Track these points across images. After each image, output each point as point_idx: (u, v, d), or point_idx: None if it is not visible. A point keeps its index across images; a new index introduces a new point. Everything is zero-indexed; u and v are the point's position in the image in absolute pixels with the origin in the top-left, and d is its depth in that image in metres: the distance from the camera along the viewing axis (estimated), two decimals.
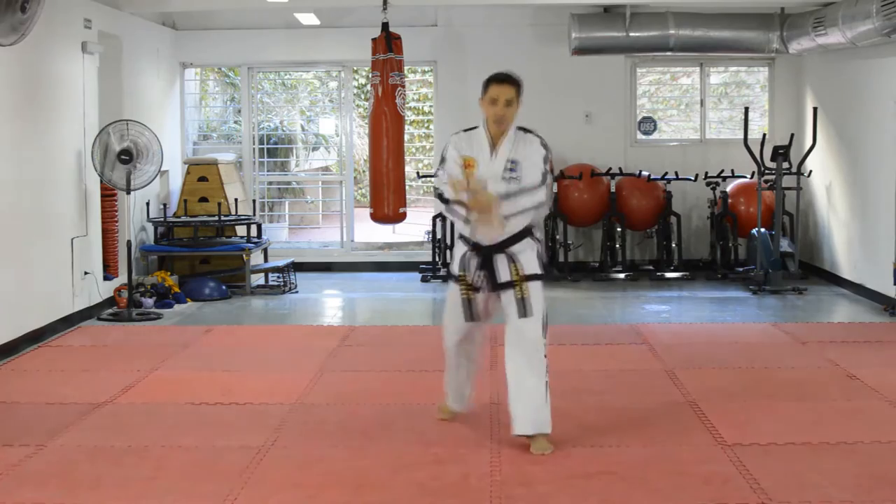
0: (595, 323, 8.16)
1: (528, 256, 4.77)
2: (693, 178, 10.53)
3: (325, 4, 10.03)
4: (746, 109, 9.96)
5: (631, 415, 5.36)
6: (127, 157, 8.24)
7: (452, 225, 9.98)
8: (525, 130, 4.82)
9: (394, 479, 4.42)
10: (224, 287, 9.54)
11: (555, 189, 10.19)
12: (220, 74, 13.99)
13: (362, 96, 14.87)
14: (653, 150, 11.16)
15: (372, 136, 9.45)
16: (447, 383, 5.23)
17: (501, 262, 4.75)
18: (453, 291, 4.95)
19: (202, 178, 10.26)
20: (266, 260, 10.48)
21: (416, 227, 12.14)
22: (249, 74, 11.29)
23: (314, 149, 15.55)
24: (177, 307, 8.98)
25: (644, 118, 11.26)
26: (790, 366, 6.51)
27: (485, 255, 4.77)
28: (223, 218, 9.78)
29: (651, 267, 10.68)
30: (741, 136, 9.89)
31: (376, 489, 4.31)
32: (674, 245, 10.46)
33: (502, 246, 4.75)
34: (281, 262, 10.16)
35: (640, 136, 11.24)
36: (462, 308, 4.89)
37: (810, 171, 10.23)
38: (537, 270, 4.77)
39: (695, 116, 11.39)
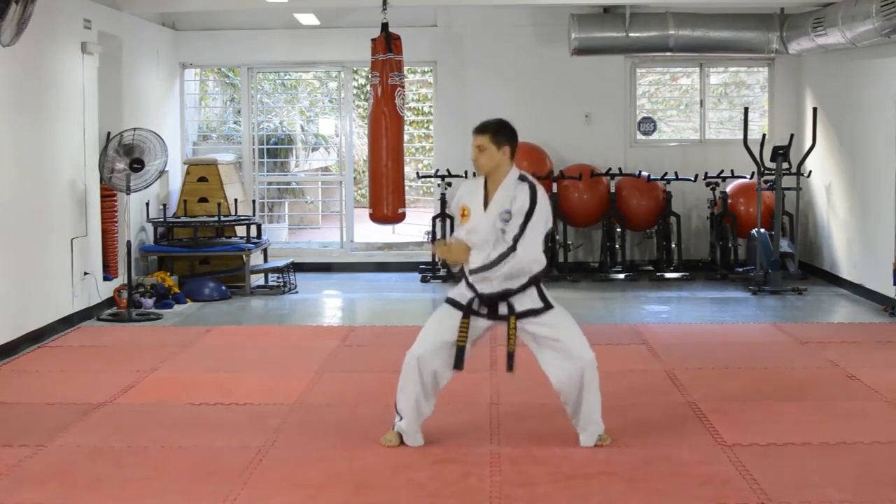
0: (595, 323, 8.14)
1: (530, 296, 4.83)
2: (693, 179, 10.53)
3: (325, 4, 10.04)
4: (746, 110, 9.95)
5: (631, 415, 5.36)
6: (139, 165, 8.29)
7: (452, 225, 10.00)
8: (523, 179, 4.71)
9: (394, 479, 4.42)
10: (224, 287, 9.53)
11: (555, 189, 10.17)
12: (219, 75, 13.97)
13: (362, 96, 14.86)
14: (653, 151, 11.16)
15: (371, 137, 9.46)
16: (404, 400, 4.81)
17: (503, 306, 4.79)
18: (449, 313, 4.79)
19: (202, 179, 10.26)
20: (266, 260, 10.47)
21: (415, 227, 12.14)
22: (249, 75, 11.28)
23: (314, 149, 15.54)
24: (176, 307, 8.98)
25: (644, 118, 11.26)
26: (790, 366, 6.52)
27: (487, 303, 4.76)
28: (223, 218, 9.77)
29: (651, 267, 10.68)
30: (741, 136, 9.89)
31: (376, 489, 4.31)
32: (673, 245, 10.46)
33: (503, 296, 4.76)
34: (280, 263, 10.15)
35: (639, 136, 11.23)
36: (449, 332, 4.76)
37: (810, 172, 10.23)
38: (539, 304, 4.86)
39: (694, 117, 11.39)
